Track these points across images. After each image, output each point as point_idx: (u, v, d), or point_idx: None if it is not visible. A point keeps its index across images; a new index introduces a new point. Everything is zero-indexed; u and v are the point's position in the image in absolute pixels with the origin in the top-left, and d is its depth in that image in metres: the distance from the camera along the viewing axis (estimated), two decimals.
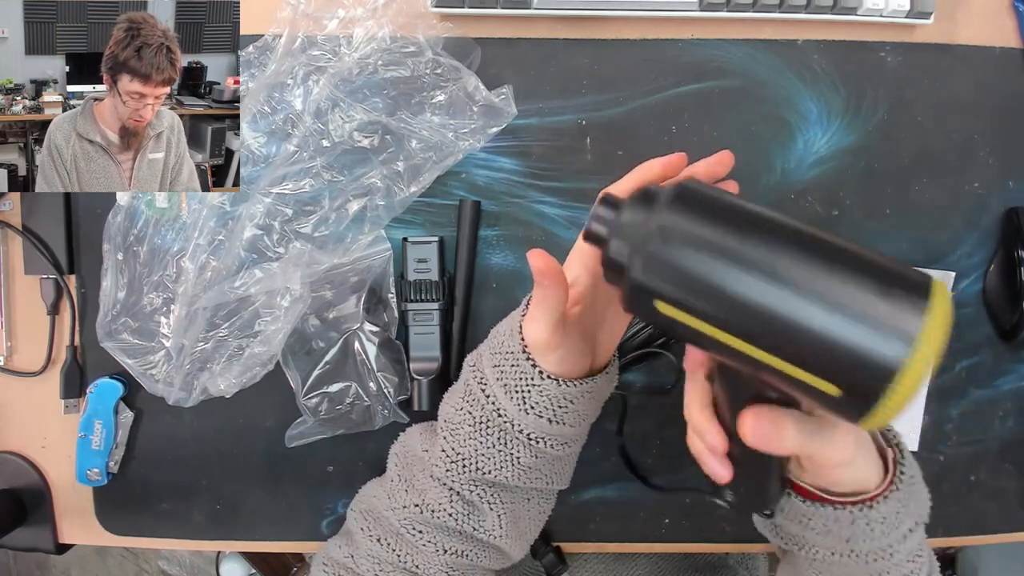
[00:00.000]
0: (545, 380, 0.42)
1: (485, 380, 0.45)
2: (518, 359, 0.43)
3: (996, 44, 0.58)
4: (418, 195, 0.56)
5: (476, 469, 0.45)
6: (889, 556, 0.41)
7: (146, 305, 0.55)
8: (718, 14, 0.55)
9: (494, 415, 0.44)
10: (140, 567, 1.53)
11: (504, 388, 0.44)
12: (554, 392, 0.43)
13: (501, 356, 0.44)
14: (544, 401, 0.43)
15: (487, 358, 0.45)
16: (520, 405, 0.43)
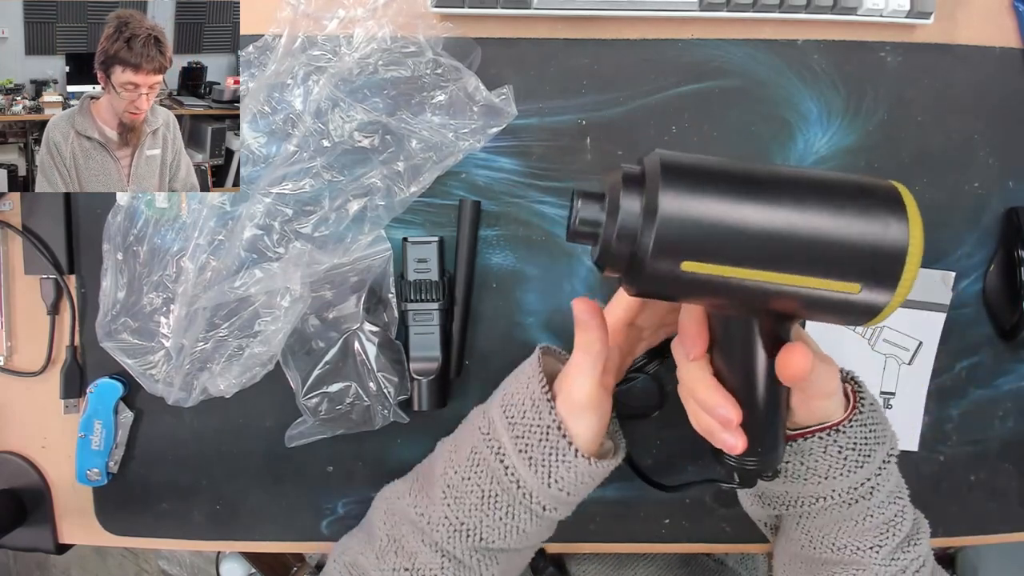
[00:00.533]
0: (579, 458, 0.42)
1: (503, 451, 0.44)
2: (548, 432, 0.43)
3: (996, 44, 0.58)
4: (418, 195, 0.56)
5: (480, 539, 0.45)
6: (869, 494, 0.43)
7: (146, 305, 0.55)
8: (718, 14, 0.55)
9: (511, 487, 0.44)
10: (140, 567, 1.53)
11: (529, 462, 0.43)
12: (583, 469, 0.43)
13: (525, 427, 0.43)
14: (570, 477, 0.43)
15: (503, 427, 0.44)
16: (544, 480, 0.43)
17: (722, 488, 0.45)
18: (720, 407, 0.38)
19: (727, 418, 0.38)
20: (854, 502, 0.43)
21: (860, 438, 0.43)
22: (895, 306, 0.32)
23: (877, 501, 0.43)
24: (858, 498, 0.43)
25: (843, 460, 0.42)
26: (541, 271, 0.58)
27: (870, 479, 0.43)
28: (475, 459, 0.45)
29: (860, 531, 0.44)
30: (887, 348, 0.59)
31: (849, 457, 0.42)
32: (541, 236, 0.57)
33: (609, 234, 0.33)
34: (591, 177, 0.57)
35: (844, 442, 0.42)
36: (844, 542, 0.45)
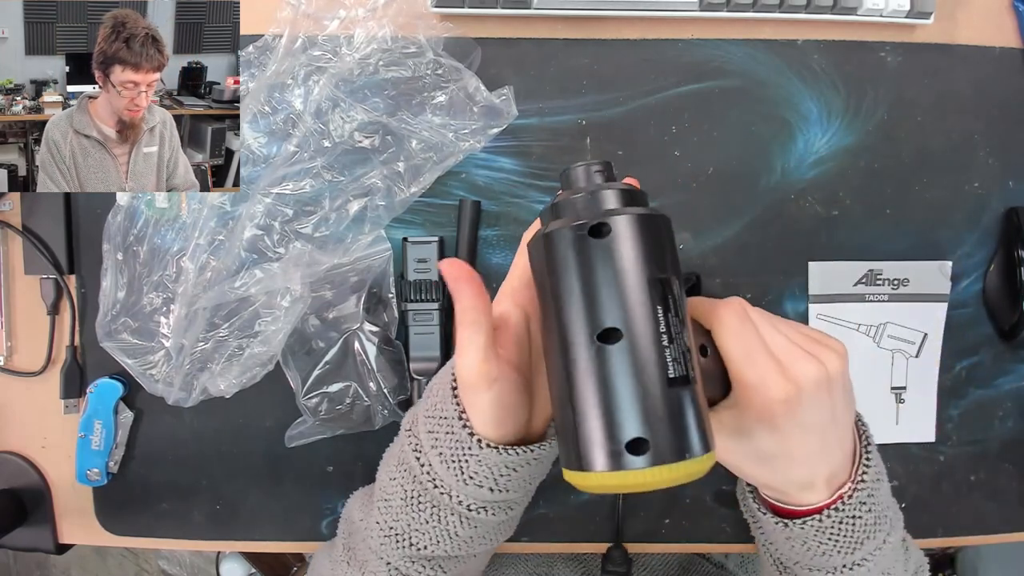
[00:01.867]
0: (484, 449, 0.37)
1: (420, 447, 0.40)
2: (452, 425, 0.38)
3: (996, 44, 0.58)
4: (418, 195, 0.56)
5: (410, 545, 0.42)
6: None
7: (146, 305, 0.55)
8: (718, 14, 0.55)
9: (429, 486, 0.40)
10: (140, 567, 1.53)
11: (440, 457, 0.39)
12: (494, 461, 0.38)
13: (435, 421, 0.39)
14: (483, 471, 0.38)
15: (422, 422, 0.40)
16: (458, 476, 0.38)
17: None
18: None
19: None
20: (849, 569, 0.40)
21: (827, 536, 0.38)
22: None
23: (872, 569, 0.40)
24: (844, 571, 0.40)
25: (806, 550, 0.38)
26: None
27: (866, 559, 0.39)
28: (401, 457, 0.42)
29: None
30: (893, 343, 0.59)
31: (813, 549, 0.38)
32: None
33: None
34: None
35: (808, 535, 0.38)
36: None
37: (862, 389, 0.49)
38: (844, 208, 0.58)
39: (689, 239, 0.58)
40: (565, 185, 0.36)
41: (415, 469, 0.41)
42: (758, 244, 0.58)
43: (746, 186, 0.58)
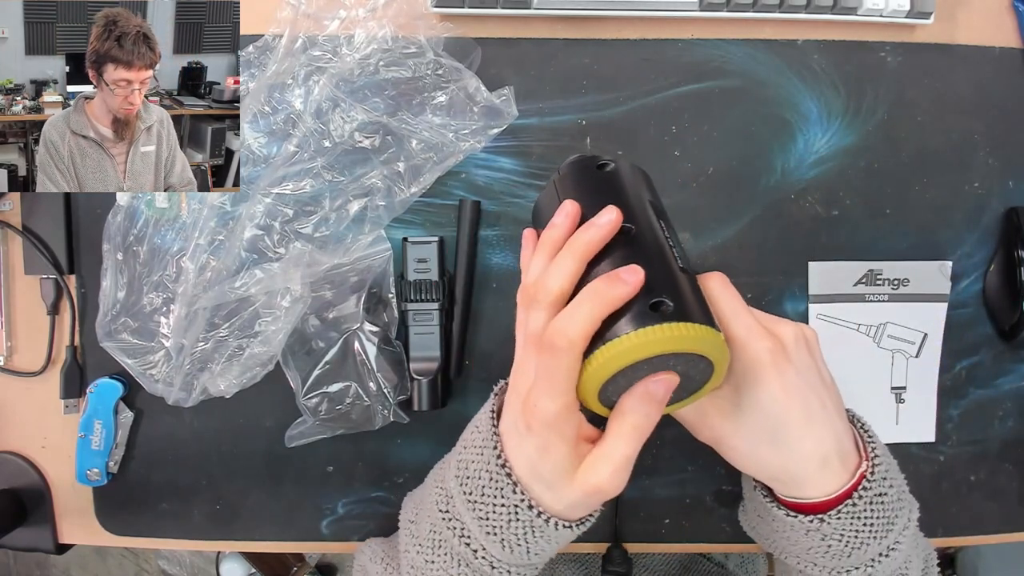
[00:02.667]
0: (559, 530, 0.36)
1: (468, 534, 0.38)
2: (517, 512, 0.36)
3: (996, 44, 0.58)
4: (418, 195, 0.56)
5: None
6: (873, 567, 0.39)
7: (146, 305, 0.55)
8: (718, 14, 0.55)
9: (486, 569, 0.39)
10: (140, 567, 1.53)
11: (502, 545, 0.37)
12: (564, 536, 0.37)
13: (488, 508, 0.37)
14: (550, 547, 0.38)
15: (464, 506, 0.38)
16: (524, 554, 0.38)
17: None
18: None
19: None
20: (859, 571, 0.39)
21: (849, 530, 0.37)
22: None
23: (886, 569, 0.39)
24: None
25: (826, 548, 0.38)
26: None
27: (861, 568, 0.39)
28: (437, 540, 0.40)
29: None
30: (893, 344, 0.59)
31: (834, 546, 0.37)
32: None
33: None
34: None
35: (828, 531, 0.37)
36: None
37: (862, 389, 0.49)
38: (844, 208, 0.58)
39: (689, 239, 0.58)
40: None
41: (465, 556, 0.39)
42: (758, 244, 0.58)
43: (746, 186, 0.58)
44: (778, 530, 0.40)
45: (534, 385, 0.35)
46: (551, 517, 0.36)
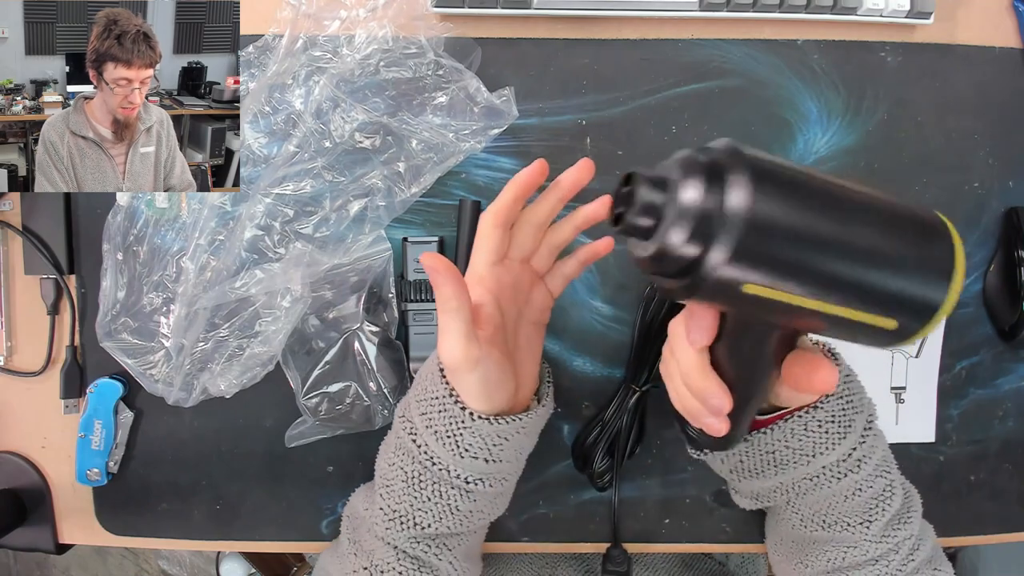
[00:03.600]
0: (476, 421, 0.41)
1: (415, 430, 0.43)
2: (444, 403, 0.42)
3: (996, 44, 0.58)
4: (419, 196, 0.56)
5: (415, 525, 0.45)
6: (857, 466, 0.43)
7: (146, 305, 0.55)
8: (718, 14, 0.55)
9: (428, 464, 0.43)
10: (140, 567, 1.53)
11: (435, 435, 0.42)
12: (487, 431, 0.42)
13: (427, 403, 0.43)
14: (478, 442, 0.42)
15: (414, 406, 0.44)
16: (454, 450, 0.42)
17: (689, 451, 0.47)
18: (714, 397, 0.37)
19: (718, 407, 0.37)
20: (843, 475, 0.43)
21: (838, 410, 0.42)
22: (914, 341, 0.33)
23: (865, 474, 0.44)
24: (846, 471, 0.43)
25: (825, 435, 0.42)
26: None
27: (856, 448, 0.43)
28: (398, 443, 0.45)
29: (849, 507, 0.45)
30: None
31: (830, 430, 0.42)
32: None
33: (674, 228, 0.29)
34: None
35: (823, 416, 0.42)
36: (834, 518, 0.45)
37: None
38: None
39: None
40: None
41: (412, 451, 0.44)
42: None
43: None
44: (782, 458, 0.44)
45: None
46: (466, 407, 0.41)
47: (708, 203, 0.28)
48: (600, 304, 0.58)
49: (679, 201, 0.29)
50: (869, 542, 0.45)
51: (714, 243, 0.28)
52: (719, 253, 0.28)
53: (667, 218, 0.29)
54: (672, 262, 0.30)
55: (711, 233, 0.28)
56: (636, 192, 0.30)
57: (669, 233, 0.29)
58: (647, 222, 0.30)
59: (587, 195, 0.57)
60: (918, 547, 0.46)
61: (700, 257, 0.29)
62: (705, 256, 0.28)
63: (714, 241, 0.28)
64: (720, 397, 0.37)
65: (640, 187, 0.30)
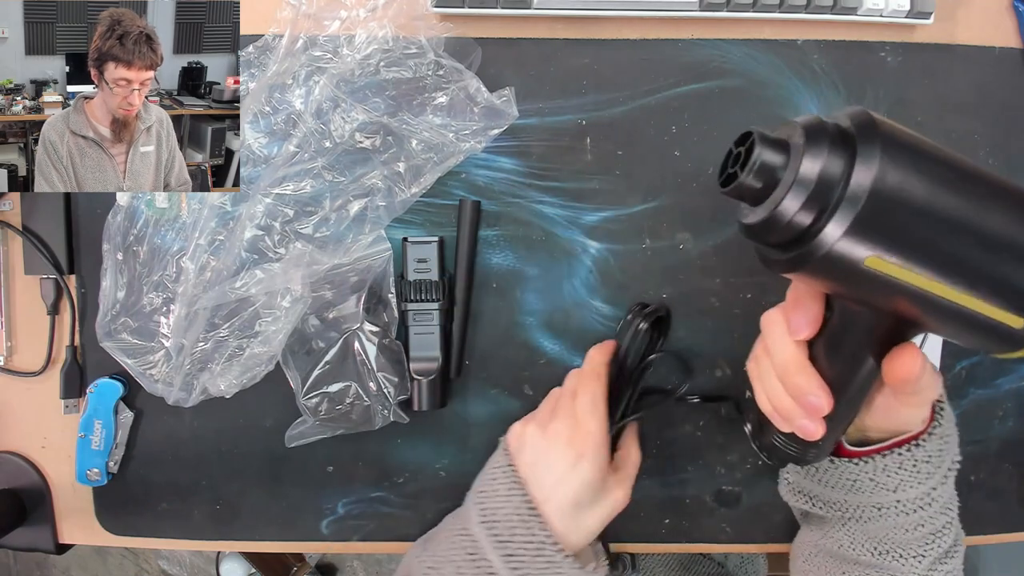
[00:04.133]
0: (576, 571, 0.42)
1: (494, 570, 0.43)
2: (542, 548, 0.42)
3: (996, 44, 0.58)
4: (419, 196, 0.56)
5: None
6: (929, 504, 0.42)
7: (146, 305, 0.55)
8: (718, 14, 0.55)
9: None
10: (140, 567, 1.53)
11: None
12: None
13: (516, 546, 0.43)
14: None
15: (490, 546, 0.43)
16: None
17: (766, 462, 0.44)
18: (813, 395, 0.35)
19: (817, 407, 0.35)
20: (913, 511, 0.42)
21: (935, 450, 0.41)
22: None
23: (932, 511, 0.42)
24: (917, 507, 0.42)
25: (916, 473, 0.41)
26: (541, 271, 0.58)
27: (936, 488, 0.42)
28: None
29: (909, 539, 0.43)
30: None
31: (923, 469, 0.41)
32: (541, 236, 0.57)
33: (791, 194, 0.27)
34: (591, 177, 0.57)
35: (920, 455, 0.41)
36: (887, 547, 0.44)
37: None
38: None
39: (689, 239, 0.58)
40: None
41: None
42: None
43: None
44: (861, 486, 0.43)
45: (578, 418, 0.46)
46: (568, 554, 0.43)
47: (832, 169, 0.27)
48: (600, 304, 0.58)
49: (800, 165, 0.27)
50: (917, 574, 0.43)
51: (835, 213, 0.26)
52: (838, 224, 0.26)
53: (784, 182, 0.28)
54: (783, 230, 0.28)
55: (832, 202, 0.26)
56: (753, 152, 0.28)
57: (785, 199, 0.28)
58: (760, 185, 0.28)
59: (588, 195, 0.57)
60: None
61: (815, 227, 0.27)
62: (822, 226, 0.27)
63: (835, 211, 0.26)
64: (819, 395, 0.35)
65: (758, 147, 0.28)
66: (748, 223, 0.30)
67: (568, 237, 0.57)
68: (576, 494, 0.44)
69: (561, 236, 0.57)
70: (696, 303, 0.58)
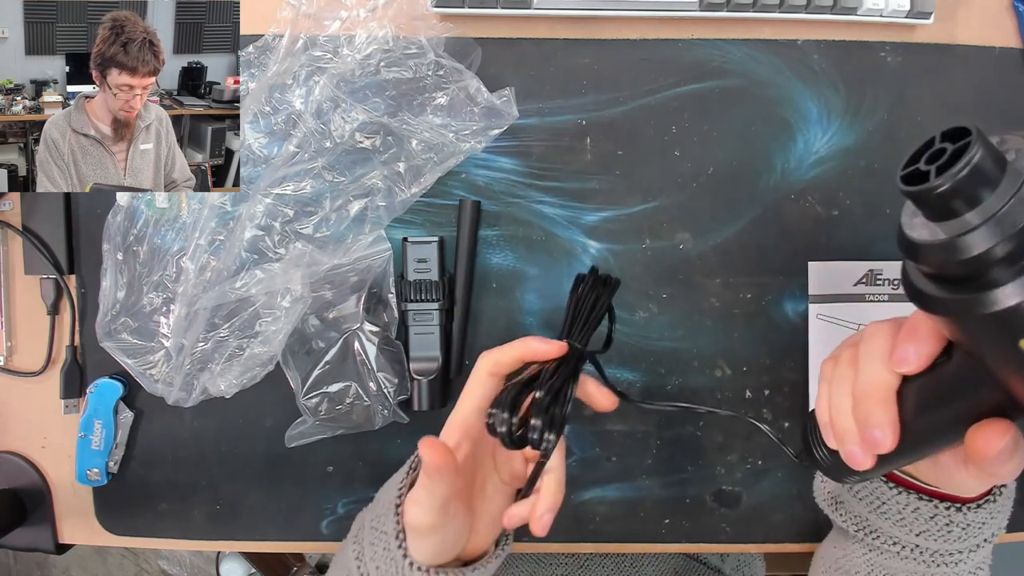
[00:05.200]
0: (416, 573, 0.39)
1: (361, 556, 0.42)
2: (389, 544, 0.40)
3: (996, 44, 0.58)
4: (419, 196, 0.56)
5: None
6: (955, 563, 0.40)
7: (145, 305, 0.55)
8: (718, 14, 0.55)
9: None
10: (140, 567, 1.53)
11: (377, 571, 0.41)
12: None
13: (377, 533, 0.42)
14: None
15: (367, 531, 0.43)
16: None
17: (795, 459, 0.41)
18: (879, 429, 0.31)
19: (879, 443, 0.32)
20: (936, 565, 0.40)
21: (977, 522, 0.38)
22: None
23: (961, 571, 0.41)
24: (942, 563, 0.40)
25: (947, 533, 0.39)
26: (541, 271, 0.58)
27: (962, 552, 0.40)
28: (341, 562, 0.45)
29: None
30: None
31: (954, 533, 0.39)
32: (541, 236, 0.57)
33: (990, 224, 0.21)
34: (591, 177, 0.57)
35: (957, 519, 0.38)
36: None
37: None
38: (844, 208, 0.58)
39: (689, 239, 0.58)
40: None
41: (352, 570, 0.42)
42: (758, 244, 0.58)
43: (746, 186, 0.58)
44: (889, 513, 0.41)
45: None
46: (408, 555, 0.40)
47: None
48: None
49: (1017, 193, 0.21)
50: None
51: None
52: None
53: (986, 207, 0.22)
54: (960, 264, 0.23)
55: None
56: (966, 155, 0.23)
57: (981, 227, 0.22)
58: (959, 198, 0.23)
59: (588, 194, 0.57)
60: None
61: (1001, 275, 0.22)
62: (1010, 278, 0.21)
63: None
64: (888, 433, 0.31)
65: (978, 150, 0.23)
66: (916, 239, 0.25)
67: (568, 237, 0.57)
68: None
69: (561, 236, 0.57)
70: (696, 303, 0.58)
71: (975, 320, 0.23)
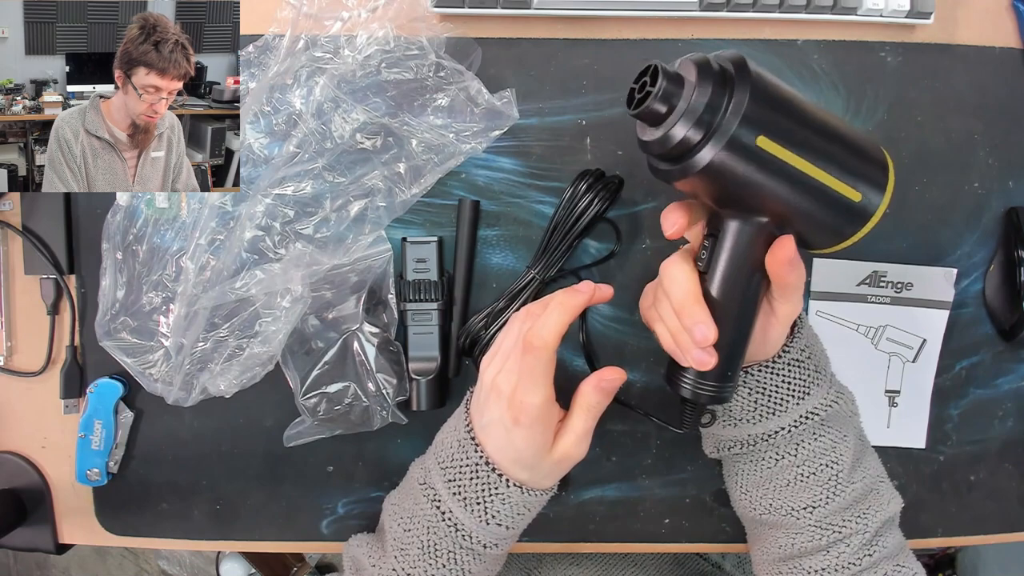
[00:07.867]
0: (511, 488, 0.43)
1: (439, 497, 0.45)
2: (479, 470, 0.44)
3: (996, 44, 0.58)
4: (419, 196, 0.56)
5: None
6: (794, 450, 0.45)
7: (145, 304, 0.55)
8: (718, 14, 0.55)
9: (451, 531, 0.45)
10: (140, 567, 1.53)
11: (463, 502, 0.44)
12: (517, 500, 0.44)
13: (456, 470, 0.44)
14: (506, 509, 0.44)
15: (437, 472, 0.46)
16: (481, 517, 0.44)
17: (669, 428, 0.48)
18: (700, 324, 0.40)
19: (705, 336, 0.40)
20: (780, 458, 0.45)
21: (803, 355, 0.45)
22: (874, 222, 0.39)
23: (803, 458, 0.45)
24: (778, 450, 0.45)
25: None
26: None
27: (785, 429, 0.45)
28: (414, 510, 0.46)
29: (792, 491, 0.45)
30: (891, 347, 0.59)
31: (795, 375, 0.45)
32: (541, 236, 0.57)
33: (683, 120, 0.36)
34: None
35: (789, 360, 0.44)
36: (778, 503, 0.46)
37: (856, 389, 0.49)
38: None
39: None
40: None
41: (434, 518, 0.45)
42: None
43: None
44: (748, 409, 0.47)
45: (518, 384, 0.42)
46: (504, 474, 0.43)
47: (715, 102, 0.36)
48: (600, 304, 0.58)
49: (692, 97, 0.36)
50: (814, 527, 0.45)
51: (724, 112, 0.36)
52: (731, 116, 0.35)
53: (678, 109, 0.36)
54: (676, 145, 0.37)
55: (714, 124, 0.36)
56: (657, 83, 0.36)
57: (679, 121, 0.36)
58: (661, 109, 0.37)
59: None
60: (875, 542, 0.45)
61: (700, 144, 0.36)
62: (704, 144, 0.36)
63: (724, 110, 0.36)
64: (705, 324, 0.40)
65: (660, 79, 0.36)
66: (647, 140, 0.39)
67: None
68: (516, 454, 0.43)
69: None
70: None
71: (699, 177, 0.37)
